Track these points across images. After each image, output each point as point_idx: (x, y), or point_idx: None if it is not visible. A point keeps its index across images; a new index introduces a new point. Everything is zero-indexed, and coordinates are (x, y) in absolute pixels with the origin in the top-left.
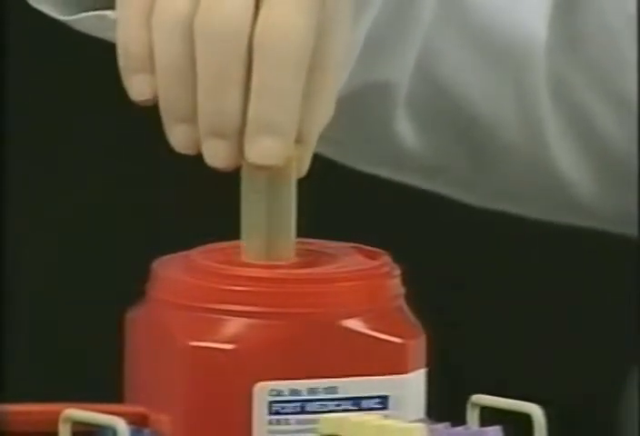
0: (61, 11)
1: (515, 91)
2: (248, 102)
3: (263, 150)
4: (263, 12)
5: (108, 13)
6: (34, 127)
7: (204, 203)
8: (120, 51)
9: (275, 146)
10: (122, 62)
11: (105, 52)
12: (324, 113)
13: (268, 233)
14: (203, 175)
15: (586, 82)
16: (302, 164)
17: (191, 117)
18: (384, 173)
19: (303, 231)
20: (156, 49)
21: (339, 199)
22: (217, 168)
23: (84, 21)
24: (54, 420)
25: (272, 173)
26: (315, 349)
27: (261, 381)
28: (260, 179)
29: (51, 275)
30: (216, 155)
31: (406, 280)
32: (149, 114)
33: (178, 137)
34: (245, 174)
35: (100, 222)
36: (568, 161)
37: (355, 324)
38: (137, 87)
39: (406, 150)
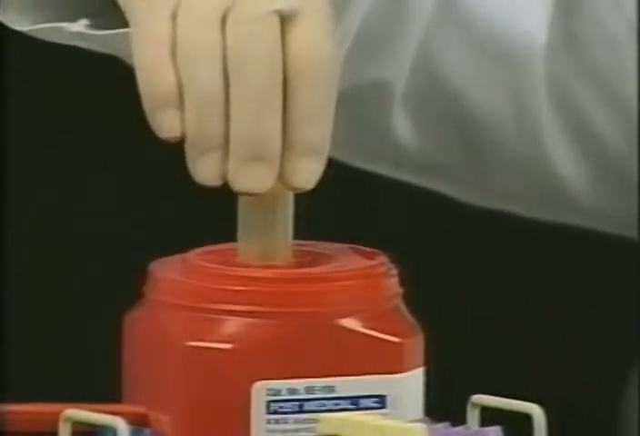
0: (19, 22)
1: (513, 92)
2: (287, 125)
3: (307, 173)
4: (292, 38)
5: (65, 24)
6: (34, 129)
7: (201, 205)
8: (145, 89)
9: (318, 168)
10: (148, 99)
11: (108, 56)
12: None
13: (265, 236)
14: None
15: (585, 85)
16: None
17: (221, 146)
18: (381, 170)
19: (301, 232)
20: (187, 81)
21: (338, 199)
22: (251, 193)
23: (43, 31)
24: (54, 420)
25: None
26: (313, 348)
27: (259, 380)
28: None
29: (51, 276)
30: (256, 180)
31: (406, 279)
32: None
33: (209, 168)
34: None
35: (99, 224)
36: (566, 162)
37: (352, 323)
38: (168, 124)
39: (404, 147)
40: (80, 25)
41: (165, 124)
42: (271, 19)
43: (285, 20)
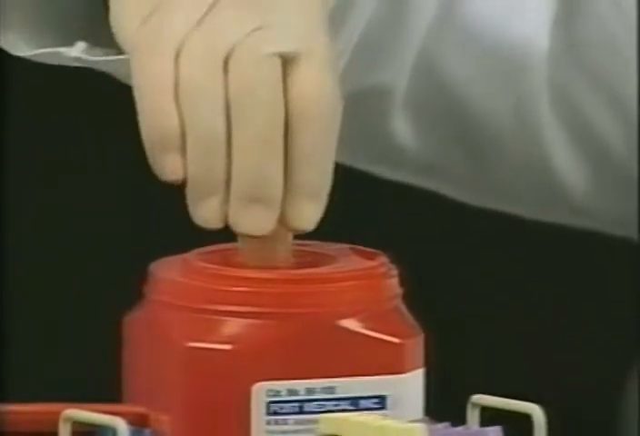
0: (19, 47)
1: (515, 94)
2: (288, 168)
3: (307, 216)
4: (295, 80)
5: (63, 50)
6: (34, 130)
7: None
8: (147, 132)
9: (318, 210)
10: (150, 143)
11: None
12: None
13: (266, 237)
14: None
15: (586, 87)
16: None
17: (223, 189)
18: (382, 171)
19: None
20: (190, 123)
21: (338, 200)
22: (253, 235)
23: (42, 55)
24: (54, 420)
25: None
26: (313, 349)
27: (259, 381)
28: None
29: (51, 277)
30: (257, 222)
31: (406, 280)
32: None
33: (210, 211)
34: None
35: (99, 225)
36: (567, 163)
37: (352, 324)
38: (171, 167)
39: (404, 149)
40: (78, 50)
41: (168, 168)
42: (273, 61)
43: (287, 62)
